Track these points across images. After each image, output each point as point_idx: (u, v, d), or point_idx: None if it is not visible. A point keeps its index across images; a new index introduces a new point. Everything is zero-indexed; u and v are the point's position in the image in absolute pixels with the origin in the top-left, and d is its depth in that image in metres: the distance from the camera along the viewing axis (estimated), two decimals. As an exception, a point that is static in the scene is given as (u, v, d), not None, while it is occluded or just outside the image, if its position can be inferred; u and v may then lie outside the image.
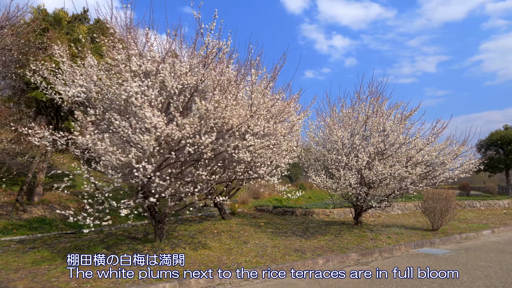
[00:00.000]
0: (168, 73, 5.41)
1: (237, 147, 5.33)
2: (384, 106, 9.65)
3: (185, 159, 5.44)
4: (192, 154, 5.21)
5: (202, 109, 5.12)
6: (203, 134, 5.09)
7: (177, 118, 5.07)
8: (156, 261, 5.89)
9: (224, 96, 5.20)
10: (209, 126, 5.12)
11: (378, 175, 8.23)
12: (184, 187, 5.71)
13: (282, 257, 6.86)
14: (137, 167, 5.03)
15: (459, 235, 9.79)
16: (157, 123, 4.84)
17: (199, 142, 4.95)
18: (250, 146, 5.59)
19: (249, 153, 5.54)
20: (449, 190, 10.74)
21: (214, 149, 5.34)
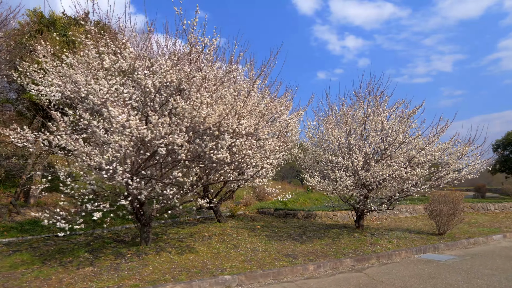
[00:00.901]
0: (142, 70, 5.19)
1: (215, 148, 5.06)
2: (385, 104, 9.22)
3: (163, 160, 5.21)
4: (168, 155, 4.97)
5: (180, 108, 4.88)
6: (177, 134, 4.84)
7: (151, 117, 4.84)
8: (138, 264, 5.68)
9: (197, 93, 4.94)
10: (184, 125, 4.87)
11: (376, 177, 7.80)
12: (163, 189, 5.47)
13: (271, 263, 6.54)
14: (107, 169, 4.82)
15: (466, 240, 9.24)
16: (125, 122, 4.62)
17: (171, 142, 4.70)
18: (233, 146, 5.31)
19: (230, 154, 5.25)
20: (456, 192, 10.19)
21: (191, 150, 5.08)
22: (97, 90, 4.79)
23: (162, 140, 4.73)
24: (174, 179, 5.11)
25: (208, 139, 5.07)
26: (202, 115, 4.87)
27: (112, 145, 4.74)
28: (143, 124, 4.75)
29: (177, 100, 4.77)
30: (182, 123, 4.85)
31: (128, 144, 4.80)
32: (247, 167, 5.88)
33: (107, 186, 6.92)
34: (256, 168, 5.90)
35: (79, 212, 5.45)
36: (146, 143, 4.90)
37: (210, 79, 5.62)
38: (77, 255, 6.43)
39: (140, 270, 5.75)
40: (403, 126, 8.05)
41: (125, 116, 4.61)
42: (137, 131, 4.64)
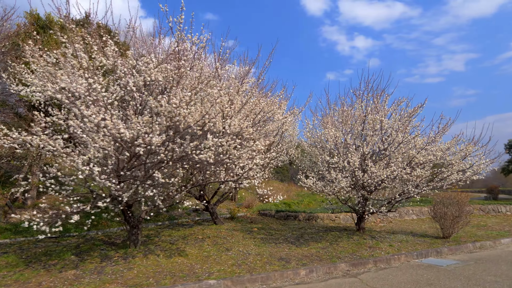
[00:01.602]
0: (121, 68, 5.04)
1: (197, 148, 4.86)
2: (386, 103, 8.89)
3: (144, 160, 5.04)
4: (148, 155, 4.80)
5: (160, 107, 4.71)
6: (157, 134, 4.67)
7: (131, 117, 4.69)
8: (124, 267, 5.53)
9: (181, 92, 4.76)
10: (164, 125, 4.70)
11: (373, 178, 7.49)
12: (145, 191, 5.30)
13: (262, 267, 6.31)
14: (83, 169, 4.68)
15: (472, 244, 8.84)
16: (100, 122, 4.47)
17: (149, 142, 4.53)
18: (219, 146, 5.11)
19: (215, 154, 5.06)
20: (461, 193, 9.78)
21: (171, 150, 4.90)
22: (72, 89, 4.66)
23: (140, 140, 4.57)
24: (156, 180, 4.94)
25: (189, 139, 4.88)
26: (182, 114, 4.69)
27: (90, 145, 4.61)
28: (121, 123, 4.59)
29: (157, 99, 4.61)
30: (161, 122, 4.68)
31: (107, 144, 4.66)
32: (233, 168, 5.66)
33: (95, 187, 6.82)
34: (244, 169, 5.68)
35: (59, 215, 5.33)
36: (126, 143, 4.75)
37: (195, 78, 5.43)
38: (63, 258, 6.33)
39: (124, 274, 5.60)
40: (404, 125, 7.72)
41: (101, 116, 4.46)
42: (114, 131, 4.49)
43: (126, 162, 5.48)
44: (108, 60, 5.18)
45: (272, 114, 7.16)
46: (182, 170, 5.46)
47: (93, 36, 5.40)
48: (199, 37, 6.27)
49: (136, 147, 4.64)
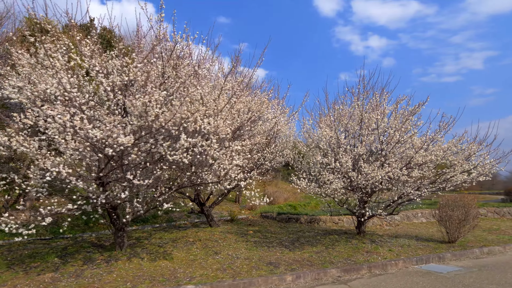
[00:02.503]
0: (94, 68, 4.93)
1: (172, 148, 4.69)
2: (385, 101, 8.52)
3: (118, 162, 4.91)
4: (121, 156, 4.67)
5: (132, 107, 4.57)
6: (128, 134, 4.53)
7: (103, 117, 4.57)
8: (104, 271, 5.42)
9: (144, 91, 4.61)
10: (135, 125, 4.55)
11: (368, 179, 7.14)
12: (119, 193, 5.16)
13: (248, 272, 6.09)
14: (52, 171, 4.59)
15: (479, 249, 8.35)
16: (66, 122, 4.36)
17: (118, 143, 4.39)
18: (194, 147, 4.93)
19: (192, 155, 4.87)
20: (468, 196, 9.28)
21: (144, 151, 4.75)
22: (42, 89, 4.58)
23: (110, 141, 4.43)
24: (131, 182, 4.81)
25: (161, 139, 4.73)
26: (153, 113, 4.54)
27: (61, 147, 4.51)
28: (88, 124, 4.47)
29: (130, 99, 4.48)
30: (132, 122, 4.55)
31: (79, 145, 4.55)
32: (215, 169, 5.47)
33: (82, 190, 6.75)
34: (223, 171, 5.48)
35: (35, 217, 5.26)
36: (97, 144, 4.63)
37: (173, 77, 5.26)
38: (46, 260, 6.28)
39: (102, 278, 5.49)
40: (402, 124, 7.33)
41: (68, 116, 4.36)
42: (83, 131, 4.38)
43: (104, 164, 5.37)
44: (83, 60, 5.09)
45: (261, 114, 6.92)
46: (162, 171, 5.30)
47: (69, 37, 5.33)
48: (182, 35, 6.12)
49: (107, 148, 4.51)
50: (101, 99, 5.23)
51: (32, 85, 4.96)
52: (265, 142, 8.31)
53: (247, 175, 6.72)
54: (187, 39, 6.44)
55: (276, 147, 8.76)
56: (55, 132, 4.49)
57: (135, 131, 4.70)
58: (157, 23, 5.84)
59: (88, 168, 5.13)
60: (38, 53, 5.27)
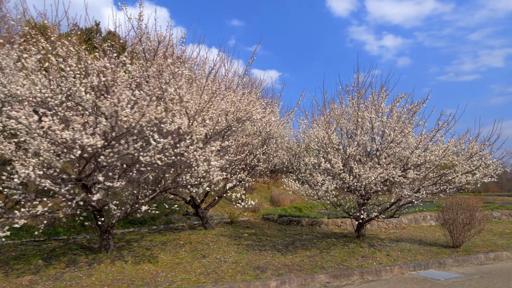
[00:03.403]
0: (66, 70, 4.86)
1: (140, 150, 4.57)
2: (383, 100, 8.18)
3: (87, 163, 4.83)
4: (91, 158, 4.58)
5: (103, 107, 4.47)
6: (96, 135, 4.44)
7: (74, 118, 4.49)
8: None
9: (112, 91, 4.50)
10: (103, 125, 4.45)
11: (360, 181, 6.84)
12: (92, 196, 5.07)
13: (232, 276, 5.91)
14: (21, 173, 4.55)
15: (484, 255, 7.91)
16: (32, 124, 4.29)
17: (83, 144, 4.30)
18: (166, 149, 4.79)
19: (167, 156, 4.73)
20: (473, 198, 8.84)
21: (117, 153, 4.65)
22: (13, 90, 4.55)
23: (79, 142, 4.35)
24: (102, 184, 4.71)
25: (132, 140, 4.61)
26: (121, 114, 4.43)
27: (32, 148, 4.47)
28: (58, 125, 4.39)
29: (100, 98, 4.39)
30: (100, 122, 4.45)
31: (49, 147, 4.49)
32: (198, 171, 5.32)
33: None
34: (207, 172, 5.32)
35: (6, 218, 5.24)
36: (66, 146, 4.55)
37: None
38: (30, 262, 6.27)
39: (81, 281, 5.42)
40: (396, 123, 7.00)
41: (34, 117, 4.30)
42: (51, 132, 4.31)
43: (83, 165, 5.30)
44: (59, 61, 5.03)
45: (248, 114, 6.73)
46: (140, 174, 5.19)
47: (46, 38, 5.29)
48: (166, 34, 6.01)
49: (74, 149, 4.43)
50: (77, 100, 5.16)
51: (1, 86, 4.95)
52: (257, 143, 8.11)
53: (233, 177, 6.55)
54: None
55: (268, 147, 8.53)
56: (23, 133, 4.44)
57: (106, 132, 4.61)
58: (138, 22, 5.75)
59: (51, 169, 5.04)
60: (11, 54, 5.26)
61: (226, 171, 7.57)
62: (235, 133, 7.34)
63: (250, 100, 6.65)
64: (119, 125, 4.53)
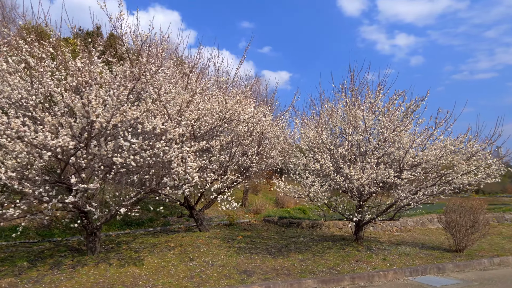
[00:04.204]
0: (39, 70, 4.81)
1: (114, 151, 4.47)
2: (379, 98, 7.90)
3: (72, 166, 4.76)
4: (61, 159, 4.51)
5: (78, 108, 4.40)
6: (64, 136, 4.35)
7: (45, 118, 4.42)
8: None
9: (85, 90, 4.41)
10: (76, 126, 4.37)
11: (352, 182, 6.57)
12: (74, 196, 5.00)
13: (216, 281, 5.76)
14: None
15: (488, 259, 7.53)
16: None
17: (51, 145, 4.22)
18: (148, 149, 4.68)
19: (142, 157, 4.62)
20: (477, 200, 8.45)
21: (91, 154, 4.56)
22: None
23: (51, 142, 4.28)
24: (76, 186, 4.63)
25: (102, 141, 4.51)
26: (93, 114, 4.33)
27: (3, 150, 4.43)
28: (30, 126, 4.33)
29: (72, 98, 4.31)
30: (69, 122, 4.38)
31: (24, 148, 4.44)
32: (178, 172, 5.19)
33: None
34: (182, 174, 5.18)
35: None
36: (38, 147, 4.49)
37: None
38: (15, 264, 6.26)
39: (61, 284, 5.36)
40: (389, 121, 6.71)
41: (5, 118, 4.24)
42: (22, 133, 4.25)
43: (62, 167, 5.25)
44: (36, 62, 4.98)
45: (236, 113, 6.56)
46: (115, 175, 5.09)
47: (22, 39, 5.27)
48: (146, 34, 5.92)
49: (43, 150, 4.37)
50: (54, 101, 5.12)
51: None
52: (249, 143, 7.93)
53: (223, 178, 6.40)
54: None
55: (260, 148, 8.34)
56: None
57: (76, 132, 4.53)
58: (118, 21, 5.68)
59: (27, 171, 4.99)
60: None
61: (216, 173, 7.44)
62: (225, 134, 7.20)
63: (238, 99, 6.49)
64: (91, 126, 4.44)
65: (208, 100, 6.41)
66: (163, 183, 5.25)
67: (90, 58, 4.95)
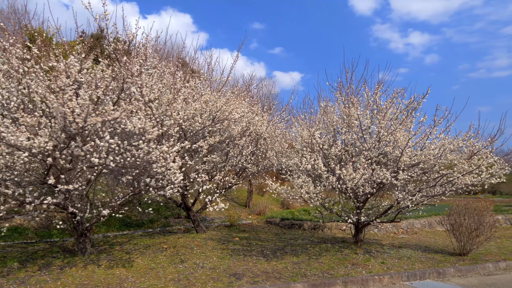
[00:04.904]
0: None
1: (91, 151, 4.41)
2: (377, 96, 7.66)
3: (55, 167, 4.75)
4: (41, 160, 4.49)
5: (55, 109, 4.37)
6: (39, 136, 4.32)
7: (22, 119, 4.41)
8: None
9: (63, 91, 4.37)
10: (54, 126, 4.35)
11: (345, 183, 6.35)
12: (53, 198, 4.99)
13: (203, 284, 5.65)
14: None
15: (494, 264, 7.21)
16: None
17: (36, 146, 4.20)
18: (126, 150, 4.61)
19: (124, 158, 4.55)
20: (482, 201, 8.10)
21: (70, 154, 4.52)
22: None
23: (25, 143, 4.27)
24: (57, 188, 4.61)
25: (79, 141, 4.47)
26: (69, 115, 4.29)
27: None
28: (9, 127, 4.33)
29: (48, 98, 4.29)
30: (44, 122, 4.35)
31: (2, 150, 4.45)
32: (163, 173, 5.11)
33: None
34: (168, 175, 5.09)
35: None
36: (17, 148, 4.48)
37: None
38: (5, 265, 6.29)
39: (46, 285, 5.35)
40: (382, 119, 6.46)
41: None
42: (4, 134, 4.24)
43: (46, 168, 5.25)
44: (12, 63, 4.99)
45: (225, 113, 6.44)
46: (93, 175, 5.05)
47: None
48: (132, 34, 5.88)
49: (19, 151, 4.36)
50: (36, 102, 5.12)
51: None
52: (244, 143, 7.80)
53: (212, 179, 6.30)
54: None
55: (255, 148, 8.20)
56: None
57: (54, 133, 4.51)
58: (103, 21, 5.65)
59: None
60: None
61: (210, 174, 7.35)
62: (219, 134, 7.10)
63: (227, 99, 6.37)
64: (68, 126, 4.41)
65: (197, 100, 6.30)
66: (145, 184, 5.18)
67: (66, 59, 4.94)
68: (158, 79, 6.02)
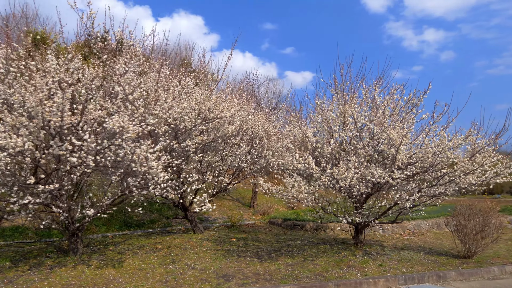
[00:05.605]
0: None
1: (70, 150, 4.38)
2: (376, 92, 7.43)
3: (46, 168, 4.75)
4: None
5: (31, 107, 4.35)
6: (15, 136, 4.31)
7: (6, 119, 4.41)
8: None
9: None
10: (35, 125, 4.33)
11: (339, 182, 6.15)
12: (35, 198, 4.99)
13: (191, 285, 5.57)
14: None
15: (499, 268, 6.88)
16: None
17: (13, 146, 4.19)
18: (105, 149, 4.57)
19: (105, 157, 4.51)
20: (488, 201, 7.77)
21: (50, 154, 4.51)
22: None
23: (4, 143, 4.26)
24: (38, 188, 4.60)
25: (57, 140, 4.43)
26: (46, 114, 4.27)
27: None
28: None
29: (24, 97, 4.28)
30: (22, 121, 4.33)
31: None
32: (148, 173, 5.05)
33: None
34: (150, 174, 5.02)
35: None
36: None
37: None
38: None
39: (32, 285, 5.36)
40: (375, 115, 6.23)
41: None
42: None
43: (33, 169, 5.26)
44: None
45: (214, 111, 6.33)
46: (78, 175, 5.02)
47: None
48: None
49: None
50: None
51: None
52: (239, 142, 7.68)
53: (202, 178, 6.20)
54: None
55: (249, 146, 8.06)
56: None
57: (33, 133, 4.50)
58: (89, 20, 5.63)
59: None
60: None
61: (203, 174, 7.26)
62: (213, 133, 7.00)
63: (217, 97, 6.27)
64: (47, 125, 4.39)
65: (187, 99, 6.23)
66: (127, 184, 5.14)
67: (43, 58, 4.94)
68: (148, 79, 5.98)
